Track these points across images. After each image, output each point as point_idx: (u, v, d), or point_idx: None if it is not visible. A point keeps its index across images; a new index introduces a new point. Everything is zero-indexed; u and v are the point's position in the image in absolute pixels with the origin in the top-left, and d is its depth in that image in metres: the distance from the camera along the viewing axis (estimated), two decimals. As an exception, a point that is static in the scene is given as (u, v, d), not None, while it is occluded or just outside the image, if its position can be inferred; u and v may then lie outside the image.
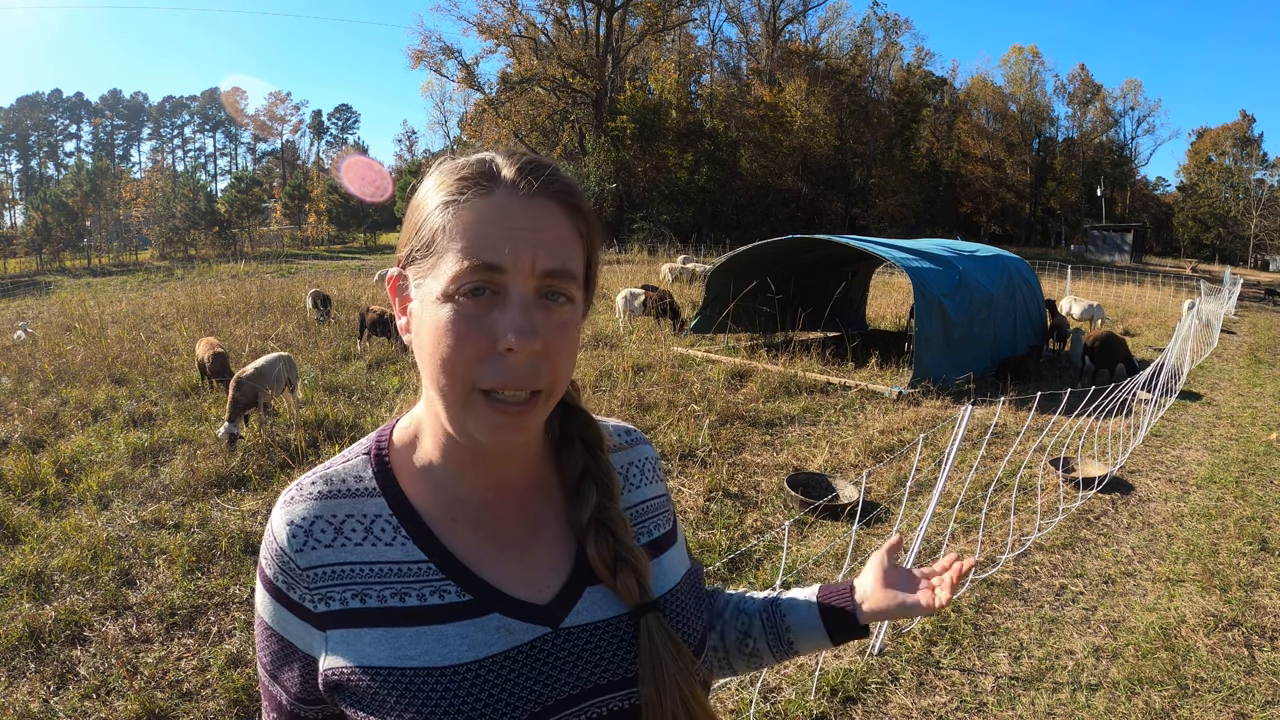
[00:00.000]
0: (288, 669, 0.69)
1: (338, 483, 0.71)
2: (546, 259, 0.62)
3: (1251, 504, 5.25)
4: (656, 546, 0.79)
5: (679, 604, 0.76)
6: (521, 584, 0.70)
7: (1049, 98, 59.58)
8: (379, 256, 37.96)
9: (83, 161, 51.90)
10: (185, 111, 70.78)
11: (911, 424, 6.99)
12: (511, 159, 0.67)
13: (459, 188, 0.64)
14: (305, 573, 0.67)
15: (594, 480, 0.75)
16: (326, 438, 6.17)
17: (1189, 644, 3.40)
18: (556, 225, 0.64)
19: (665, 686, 0.68)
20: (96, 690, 3.04)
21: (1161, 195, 66.64)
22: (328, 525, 0.68)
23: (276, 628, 0.69)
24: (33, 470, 5.37)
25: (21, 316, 15.14)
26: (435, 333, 0.62)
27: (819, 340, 10.20)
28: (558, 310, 0.64)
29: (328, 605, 0.67)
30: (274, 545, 0.68)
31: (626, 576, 0.71)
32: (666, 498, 0.85)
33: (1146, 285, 25.17)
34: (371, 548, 0.68)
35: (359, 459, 0.74)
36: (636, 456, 0.84)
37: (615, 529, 0.72)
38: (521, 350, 0.60)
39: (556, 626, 0.69)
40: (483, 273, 0.61)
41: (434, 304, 0.63)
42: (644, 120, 41.38)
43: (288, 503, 0.70)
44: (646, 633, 0.70)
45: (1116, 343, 9.75)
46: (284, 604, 0.68)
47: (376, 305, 11.73)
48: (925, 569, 0.90)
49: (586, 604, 0.71)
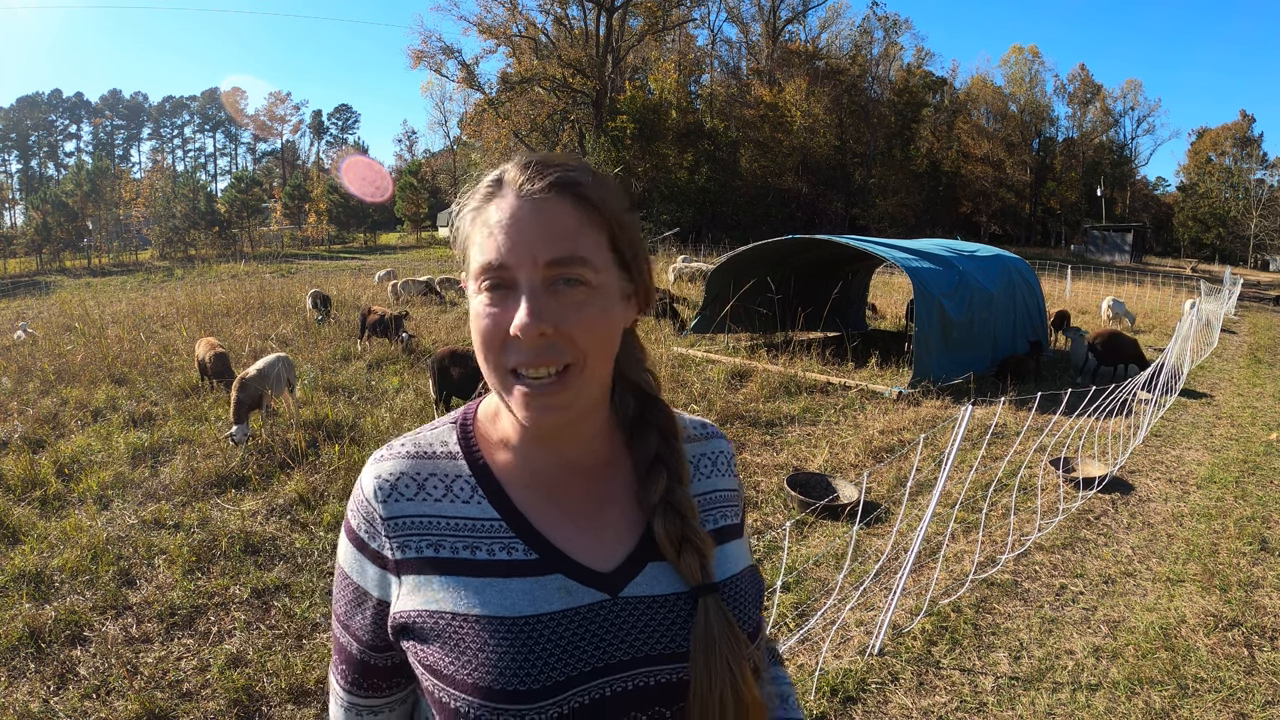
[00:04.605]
0: (360, 614, 0.76)
1: (424, 445, 0.78)
2: (548, 251, 0.67)
3: (1251, 504, 5.24)
4: (722, 535, 0.82)
5: (738, 591, 0.78)
6: (587, 551, 0.74)
7: (1049, 98, 59.68)
8: (379, 256, 37.94)
9: (83, 161, 51.95)
10: (185, 111, 70.83)
11: (911, 424, 6.99)
12: (518, 163, 0.72)
13: (480, 198, 0.72)
14: (387, 522, 0.73)
15: (665, 464, 0.78)
16: (326, 438, 6.16)
17: (1189, 644, 3.40)
18: (561, 217, 0.68)
19: (716, 665, 0.70)
20: (96, 690, 3.04)
21: (1161, 195, 66.67)
22: (411, 481, 0.75)
23: (353, 575, 0.76)
24: (33, 470, 5.37)
25: (21, 316, 15.15)
26: (473, 324, 0.70)
27: (819, 340, 10.20)
28: (571, 294, 0.68)
29: (404, 553, 0.73)
30: (360, 497, 0.76)
31: (690, 556, 0.74)
32: (738, 493, 0.88)
33: (1146, 285, 25.18)
34: (450, 504, 0.74)
35: (445, 427, 0.81)
36: (710, 449, 0.88)
37: (683, 511, 0.76)
38: (528, 336, 0.66)
39: (615, 595, 0.72)
40: (492, 272, 0.68)
41: (471, 300, 0.71)
42: (644, 120, 41.37)
43: (377, 460, 0.77)
44: (704, 612, 0.72)
45: (1123, 342, 9.73)
46: (363, 552, 0.75)
47: (377, 306, 11.74)
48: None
49: (647, 578, 0.74)
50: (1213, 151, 58.88)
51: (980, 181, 55.71)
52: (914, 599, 3.73)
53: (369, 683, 0.78)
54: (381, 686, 0.78)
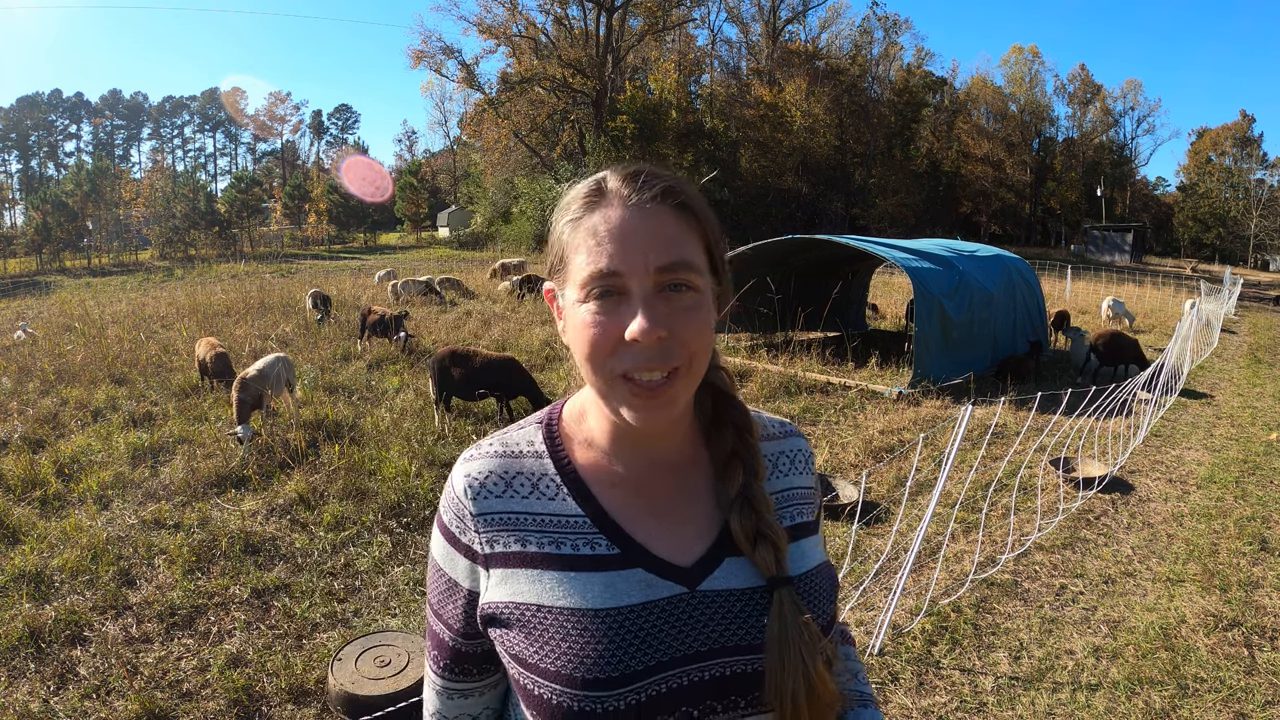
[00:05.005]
0: (451, 604, 0.81)
1: (512, 445, 0.82)
2: (659, 256, 0.70)
3: (1251, 504, 5.24)
4: (797, 531, 0.84)
5: (812, 586, 0.80)
6: (667, 546, 0.77)
7: (1049, 98, 59.61)
8: (379, 256, 37.95)
9: (83, 161, 51.93)
10: (185, 111, 70.78)
11: (911, 424, 6.99)
12: (618, 172, 0.75)
13: (578, 207, 0.74)
14: (476, 518, 0.77)
15: (742, 461, 0.81)
16: (326, 438, 6.16)
17: (1189, 644, 3.40)
18: (666, 224, 0.72)
19: (790, 657, 0.72)
20: (96, 690, 3.04)
21: (1161, 195, 66.60)
22: (499, 480, 0.79)
23: (445, 567, 0.81)
24: (33, 470, 5.37)
25: (21, 316, 15.14)
26: (577, 332, 0.72)
27: (819, 340, 10.20)
28: (680, 298, 0.71)
29: (492, 547, 0.77)
30: (452, 495, 0.80)
31: (765, 550, 0.76)
32: (814, 491, 0.91)
33: (1146, 285, 25.17)
34: (536, 501, 0.78)
35: (532, 428, 0.84)
36: (788, 447, 0.90)
37: (759, 506, 0.78)
38: (647, 340, 0.68)
39: (693, 588, 0.75)
40: (604, 279, 0.70)
41: (574, 308, 0.73)
42: (644, 120, 41.35)
43: (466, 460, 0.81)
44: (778, 605, 0.74)
45: (1124, 342, 9.73)
46: (454, 546, 0.79)
47: (378, 306, 11.74)
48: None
49: (724, 572, 0.76)
50: (1213, 151, 58.84)
51: (980, 181, 55.68)
52: (914, 599, 3.73)
53: (460, 668, 0.82)
54: (472, 672, 0.82)
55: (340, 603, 3.76)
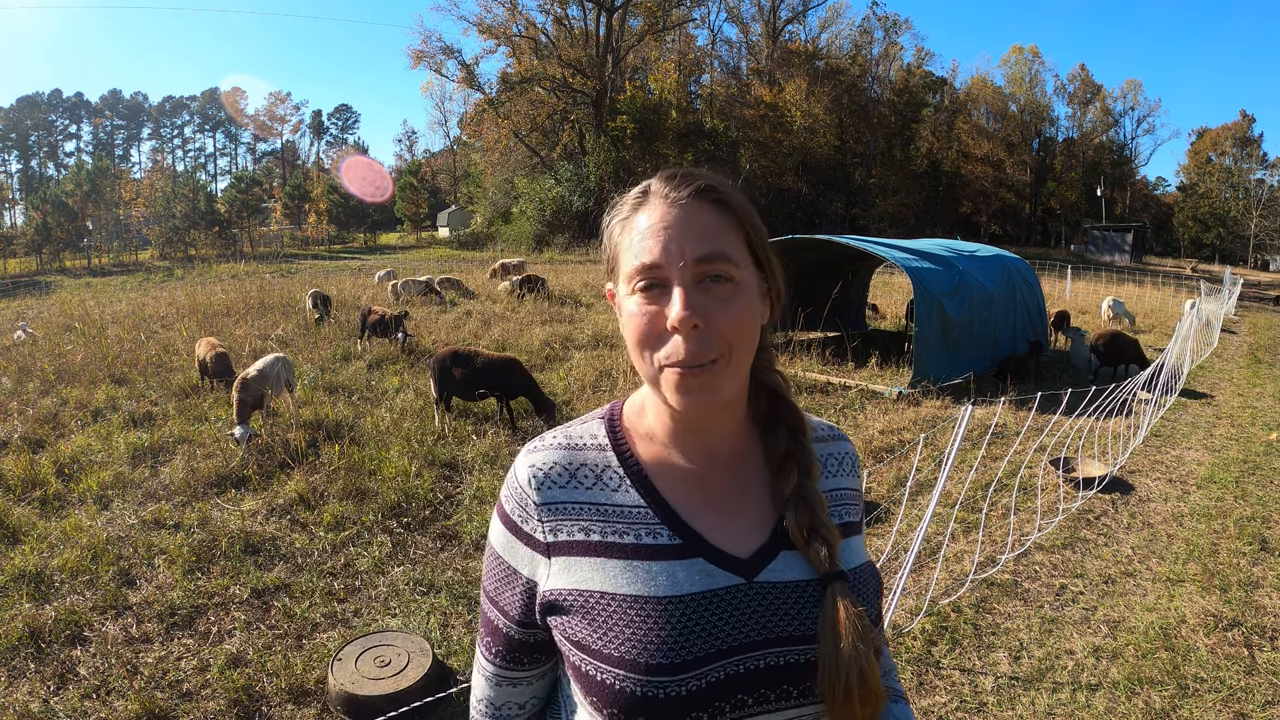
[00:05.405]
0: (509, 590, 0.83)
1: (575, 438, 0.85)
2: (696, 249, 0.74)
3: (1251, 504, 5.24)
4: (846, 530, 0.87)
5: (861, 581, 0.83)
6: (725, 538, 0.79)
7: (1049, 98, 59.58)
8: (379, 256, 37.93)
9: (83, 161, 51.93)
10: (185, 111, 70.75)
11: (911, 424, 6.99)
12: (661, 175, 0.80)
13: (627, 209, 0.80)
14: (541, 507, 0.80)
15: (796, 460, 0.84)
16: (326, 438, 6.16)
17: (1189, 644, 3.40)
18: (704, 219, 0.76)
19: (844, 648, 0.74)
20: (96, 690, 3.04)
21: (1161, 195, 66.58)
22: (564, 471, 0.81)
23: (505, 555, 0.83)
24: (33, 470, 5.37)
25: (21, 316, 15.14)
26: (627, 323, 0.77)
27: (819, 340, 10.20)
28: (718, 289, 0.74)
29: (555, 536, 0.79)
30: (514, 484, 0.83)
31: (819, 546, 0.79)
32: (859, 493, 0.94)
33: (1147, 285, 25.17)
34: (600, 491, 0.81)
35: (594, 422, 0.87)
36: (837, 449, 0.93)
37: (813, 504, 0.81)
38: (683, 327, 0.72)
39: (750, 579, 0.78)
40: (647, 272, 0.74)
41: (624, 301, 0.78)
42: (644, 120, 41.36)
43: (530, 452, 0.84)
44: (831, 598, 0.76)
45: (1125, 342, 9.73)
46: (516, 534, 0.82)
47: (378, 306, 11.74)
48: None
49: (780, 565, 0.79)
50: (1213, 151, 58.83)
51: (980, 181, 55.67)
52: (914, 599, 3.73)
53: (512, 656, 0.85)
54: (523, 661, 0.85)
55: (340, 603, 3.76)
